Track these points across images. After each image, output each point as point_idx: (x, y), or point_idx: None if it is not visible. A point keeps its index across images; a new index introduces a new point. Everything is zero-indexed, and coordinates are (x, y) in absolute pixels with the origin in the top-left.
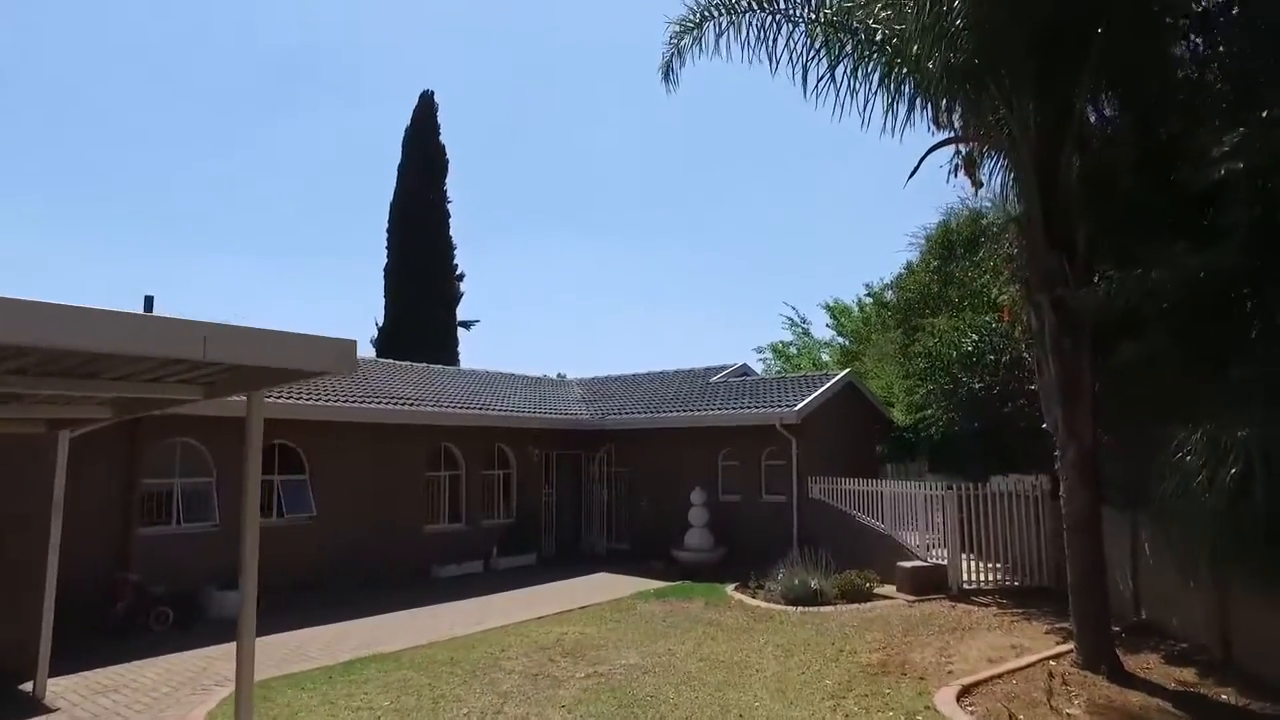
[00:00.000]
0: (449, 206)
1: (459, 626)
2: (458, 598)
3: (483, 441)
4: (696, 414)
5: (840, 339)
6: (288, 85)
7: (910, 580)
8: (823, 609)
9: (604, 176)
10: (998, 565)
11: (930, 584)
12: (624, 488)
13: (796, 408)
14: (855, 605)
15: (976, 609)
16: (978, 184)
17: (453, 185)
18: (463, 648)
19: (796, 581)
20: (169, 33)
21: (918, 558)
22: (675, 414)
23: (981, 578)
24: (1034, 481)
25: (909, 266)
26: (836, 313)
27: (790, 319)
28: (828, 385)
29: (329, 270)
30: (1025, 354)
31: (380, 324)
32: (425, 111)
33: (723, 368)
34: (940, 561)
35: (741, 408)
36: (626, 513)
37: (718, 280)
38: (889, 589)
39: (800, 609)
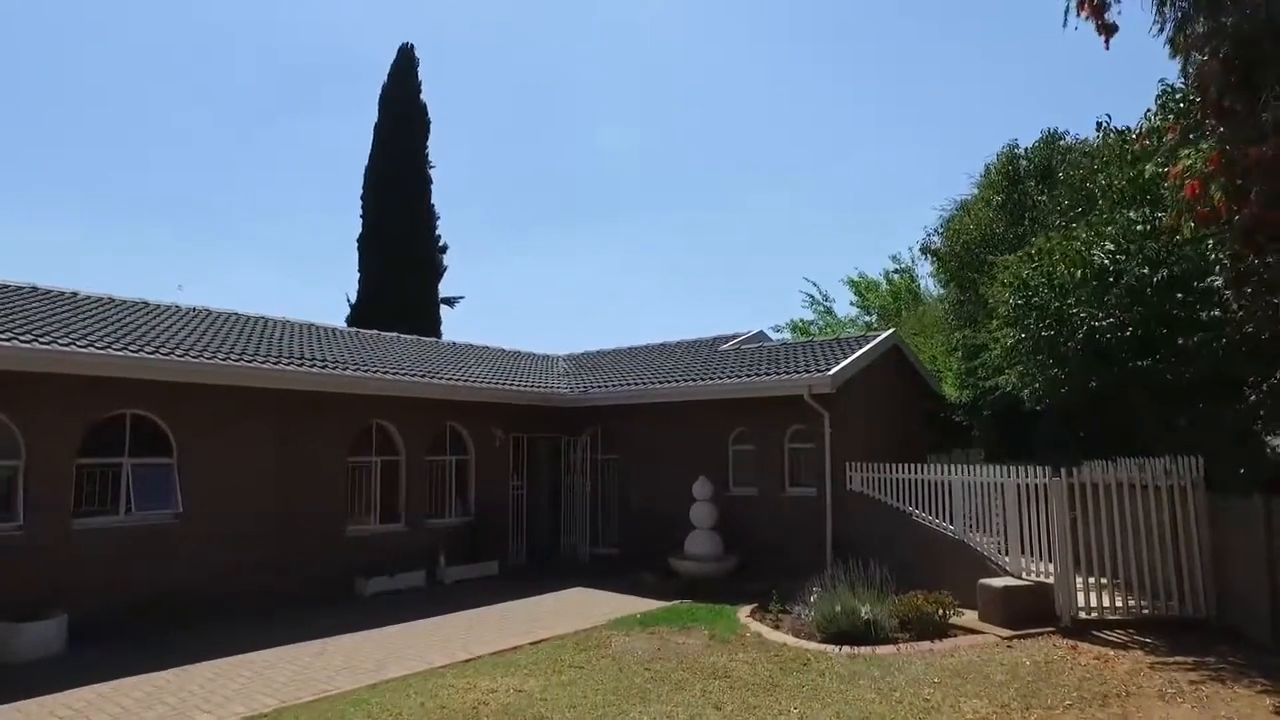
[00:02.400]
0: (431, 171)
1: (344, 676)
2: (375, 624)
3: (430, 419)
4: (702, 384)
5: (866, 317)
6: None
7: (1001, 606)
8: (880, 651)
9: (612, 168)
10: (1111, 580)
11: (1031, 612)
12: (613, 479)
13: (831, 372)
14: (928, 646)
15: (1114, 653)
16: (1108, 29)
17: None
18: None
19: (839, 608)
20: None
21: (1007, 572)
22: (675, 384)
23: (1104, 602)
24: (1177, 468)
25: (963, 207)
26: (862, 288)
27: (811, 296)
28: (869, 347)
29: (299, 244)
30: (1215, 254)
31: (352, 300)
32: (404, 66)
33: (734, 336)
34: (1043, 578)
35: (760, 374)
36: (616, 511)
37: (733, 258)
38: (969, 616)
39: (847, 650)
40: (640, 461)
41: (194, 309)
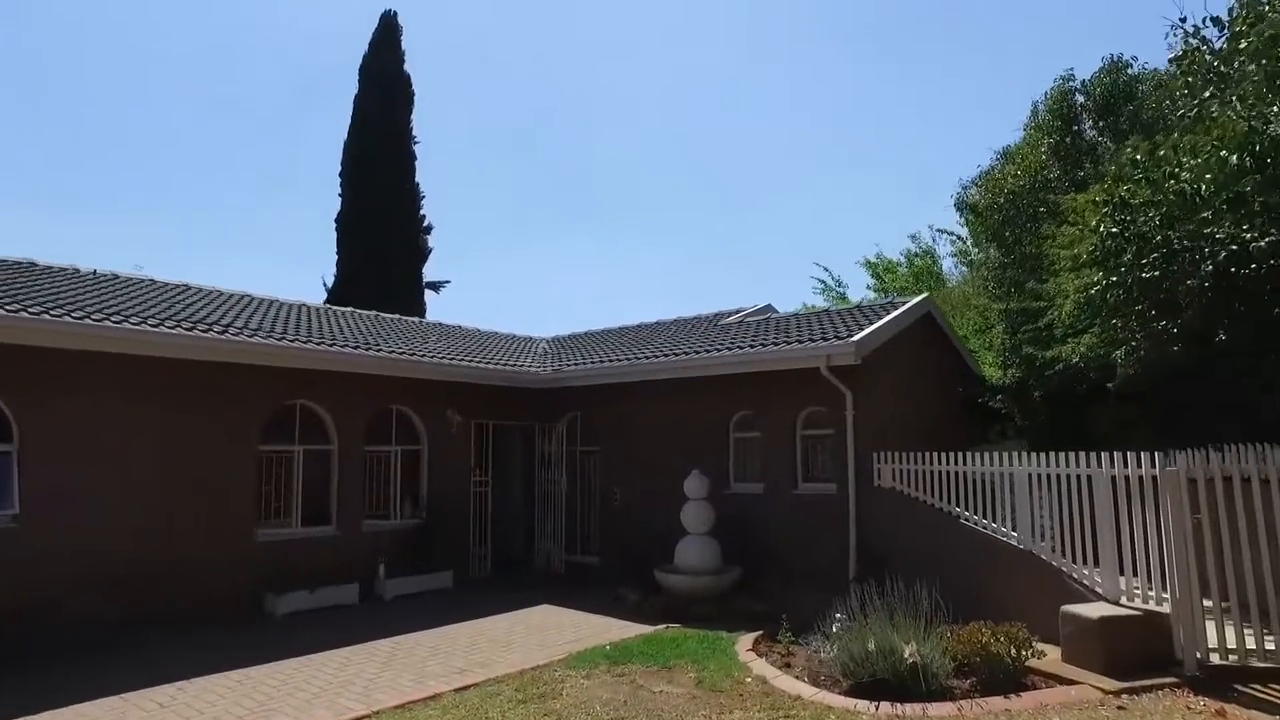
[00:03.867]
0: (415, 147)
1: None
2: (267, 656)
3: (369, 401)
4: (697, 357)
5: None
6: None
7: (1099, 644)
8: (933, 712)
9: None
10: (1238, 607)
11: (1140, 653)
12: (594, 474)
13: (855, 338)
14: (1002, 704)
15: None
16: None
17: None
18: None
19: (872, 645)
20: None
21: (1099, 596)
22: (664, 358)
23: (1246, 641)
24: None
25: (1005, 156)
26: (880, 269)
27: (823, 281)
28: (898, 314)
29: (272, 225)
30: None
31: (329, 284)
32: (386, 35)
33: (737, 310)
34: (1154, 607)
35: (768, 344)
36: (598, 511)
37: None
38: (1050, 656)
39: (886, 710)
40: (624, 453)
41: (96, 271)
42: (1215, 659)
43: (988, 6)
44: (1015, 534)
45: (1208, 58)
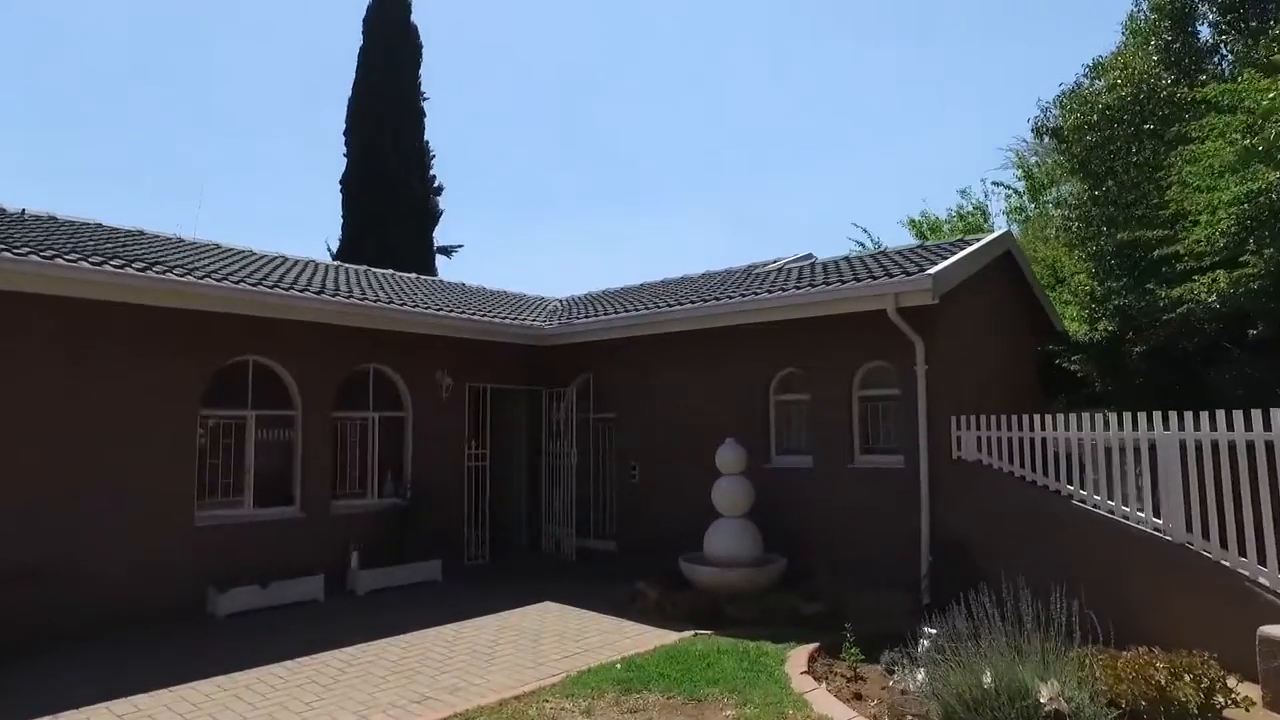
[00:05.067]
0: (424, 104)
1: None
2: (175, 678)
3: (340, 357)
4: (735, 302)
5: None
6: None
7: None
8: None
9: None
10: None
11: None
12: (609, 446)
13: (933, 271)
14: None
15: None
16: None
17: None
18: None
19: (989, 680)
20: None
21: None
22: (694, 305)
23: None
24: None
25: (1097, 69)
26: (924, 229)
27: (860, 244)
28: (978, 247)
29: (274, 185)
30: None
31: (334, 249)
32: None
33: (773, 261)
34: None
35: (822, 284)
36: (614, 489)
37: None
38: (1247, 697)
39: None
40: (645, 421)
41: (25, 211)
42: None
43: None
44: (1157, 521)
45: None
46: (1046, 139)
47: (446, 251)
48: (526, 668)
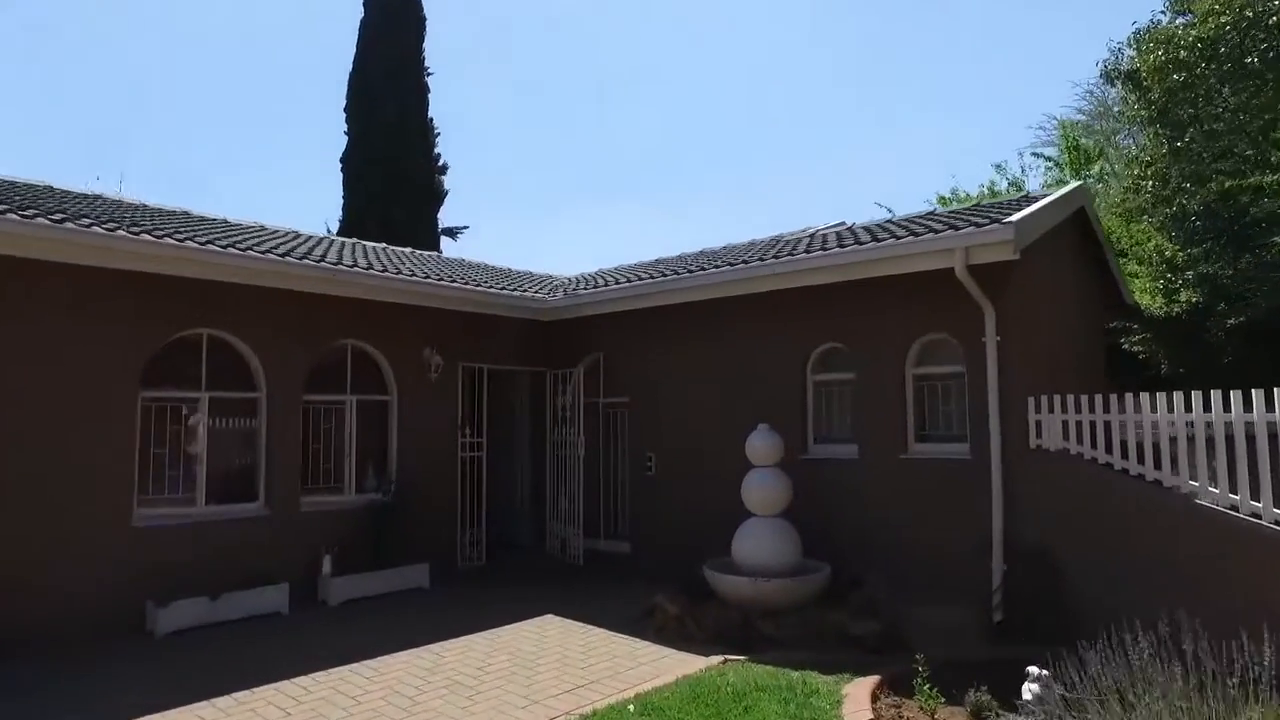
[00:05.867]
0: (429, 80)
1: None
2: (93, 715)
3: (313, 332)
4: (768, 265)
5: None
6: None
7: None
8: None
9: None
10: None
11: None
12: (622, 435)
13: (1016, 217)
14: None
15: None
16: None
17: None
18: None
19: None
20: None
21: None
22: (719, 270)
23: None
24: None
25: (1175, 5)
26: (957, 206)
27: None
28: (1058, 196)
29: (274, 162)
30: None
31: (334, 229)
32: None
33: (803, 231)
34: None
35: (875, 241)
36: (627, 483)
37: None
38: None
39: None
40: (662, 406)
41: None
42: None
43: None
44: None
45: None
46: (1118, 86)
47: (452, 233)
48: (516, 707)
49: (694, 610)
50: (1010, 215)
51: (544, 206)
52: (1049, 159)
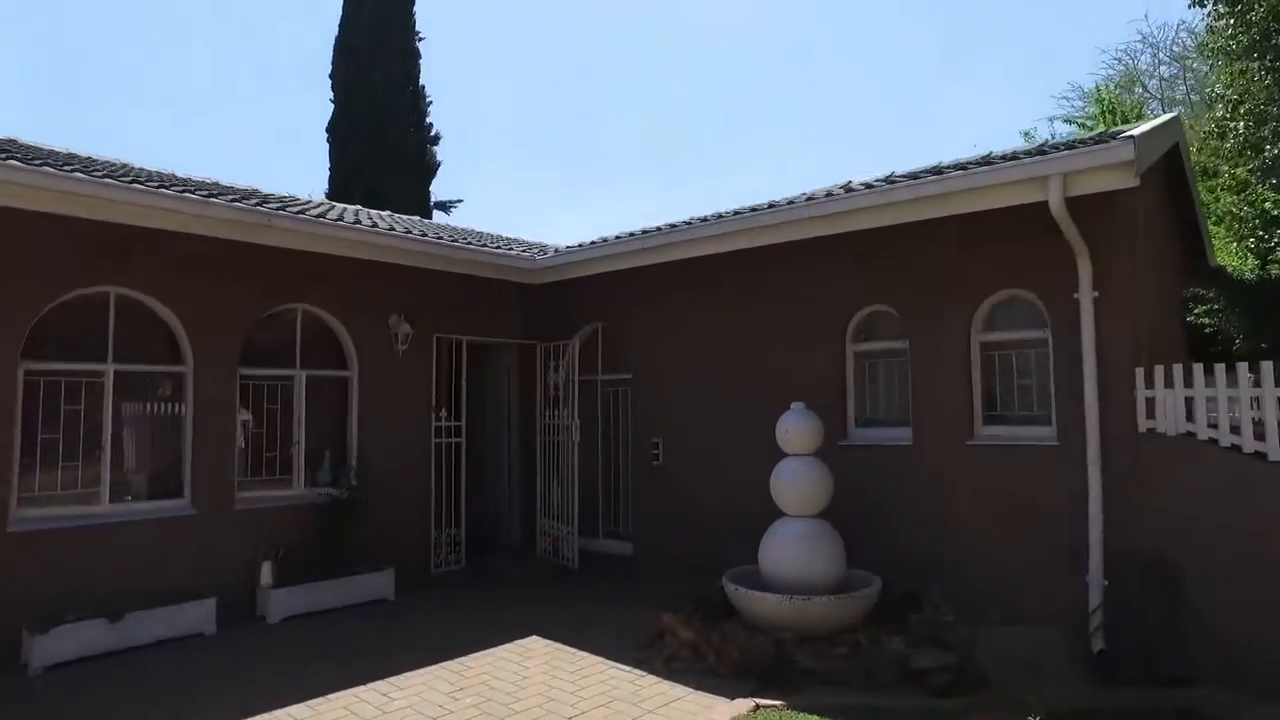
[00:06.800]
0: (419, 45)
1: None
2: None
3: (251, 293)
4: (802, 207)
5: None
6: None
7: None
8: None
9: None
10: None
11: None
12: (624, 416)
13: (1135, 131)
14: None
15: None
16: None
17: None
18: None
19: None
20: None
21: None
22: (741, 217)
23: None
24: None
25: None
26: None
27: None
28: (1162, 121)
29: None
30: None
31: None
32: None
33: (844, 184)
34: None
35: (930, 178)
36: (630, 474)
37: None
38: None
39: None
40: (671, 383)
41: None
42: None
43: None
44: None
45: None
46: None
47: (445, 207)
48: None
49: (713, 634)
50: (1135, 128)
51: (547, 185)
52: (1082, 124)
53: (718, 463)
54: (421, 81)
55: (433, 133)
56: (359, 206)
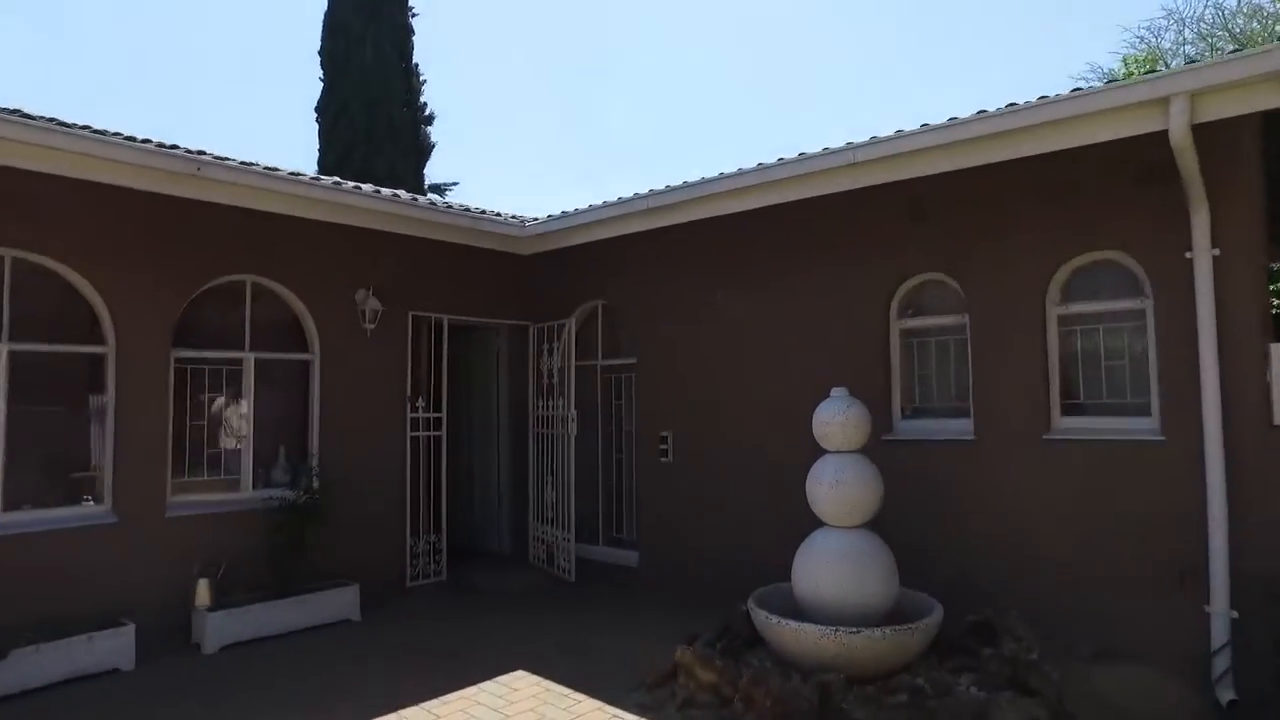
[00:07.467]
0: (413, 20)
1: None
2: None
3: (188, 264)
4: (842, 152)
5: None
6: None
7: None
8: None
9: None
10: None
11: None
12: (628, 406)
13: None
14: None
15: None
16: None
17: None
18: None
19: None
20: None
21: None
22: (761, 169)
23: None
24: None
25: None
26: None
27: None
28: None
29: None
30: None
31: None
32: None
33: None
34: None
35: (1006, 110)
36: (635, 472)
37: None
38: None
39: None
40: (682, 368)
41: None
42: None
43: None
44: None
45: None
46: None
47: (440, 190)
48: None
49: (738, 674)
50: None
51: (550, 171)
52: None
53: (737, 461)
54: (415, 59)
55: (426, 112)
56: (366, 186)
